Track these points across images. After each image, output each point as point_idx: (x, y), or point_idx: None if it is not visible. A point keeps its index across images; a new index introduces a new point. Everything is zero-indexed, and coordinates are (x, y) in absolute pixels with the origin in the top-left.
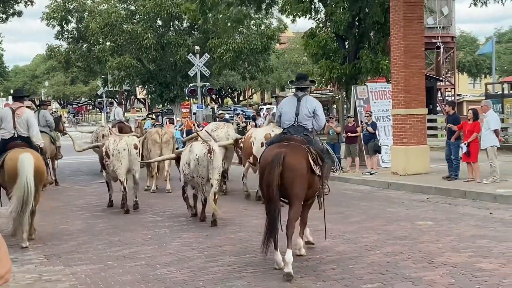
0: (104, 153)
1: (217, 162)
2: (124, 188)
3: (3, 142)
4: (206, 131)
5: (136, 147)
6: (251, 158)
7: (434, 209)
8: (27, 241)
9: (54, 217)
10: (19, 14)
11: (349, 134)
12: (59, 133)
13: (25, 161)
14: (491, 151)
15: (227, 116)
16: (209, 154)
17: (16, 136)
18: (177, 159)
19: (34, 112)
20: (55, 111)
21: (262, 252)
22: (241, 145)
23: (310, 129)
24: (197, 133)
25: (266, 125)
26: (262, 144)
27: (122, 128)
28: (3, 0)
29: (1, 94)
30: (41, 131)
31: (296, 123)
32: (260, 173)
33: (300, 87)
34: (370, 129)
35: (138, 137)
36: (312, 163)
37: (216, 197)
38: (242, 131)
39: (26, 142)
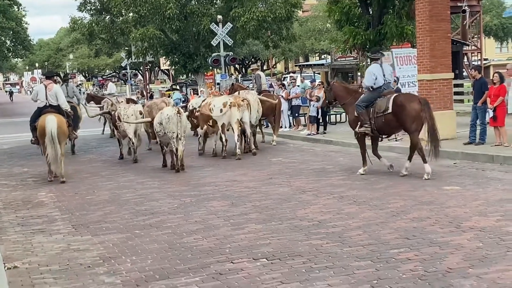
0: (117, 117)
1: (184, 121)
2: (133, 143)
3: (39, 109)
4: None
5: (141, 113)
6: (211, 121)
7: (461, 174)
8: (52, 178)
9: (81, 187)
10: None
11: None
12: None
13: (50, 122)
14: None
15: (251, 86)
16: (178, 114)
17: (48, 105)
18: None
19: (61, 85)
20: (80, 84)
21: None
22: (197, 114)
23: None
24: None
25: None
26: (221, 110)
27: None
28: None
29: (27, 67)
30: (68, 102)
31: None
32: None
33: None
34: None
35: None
36: None
37: (183, 149)
38: None
39: (56, 109)
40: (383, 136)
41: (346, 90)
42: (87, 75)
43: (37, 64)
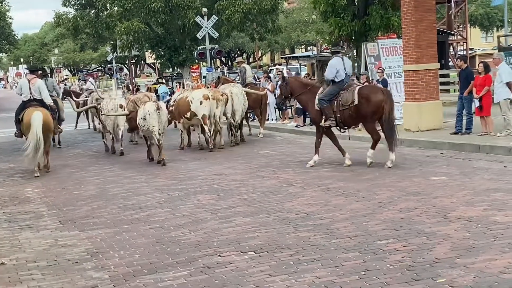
0: (100, 112)
1: (164, 116)
2: (112, 138)
3: (23, 103)
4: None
5: (121, 107)
6: (188, 114)
7: (448, 164)
8: (38, 172)
9: (68, 183)
10: None
11: None
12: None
13: (36, 117)
14: (504, 104)
15: (238, 79)
16: (157, 110)
17: (32, 99)
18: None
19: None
20: (66, 79)
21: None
22: (171, 108)
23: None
24: None
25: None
26: (201, 102)
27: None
28: None
29: (12, 63)
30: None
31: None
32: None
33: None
34: (380, 86)
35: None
36: None
37: (162, 144)
38: None
39: (39, 102)
40: (346, 128)
41: (303, 85)
42: (72, 69)
43: (22, 59)
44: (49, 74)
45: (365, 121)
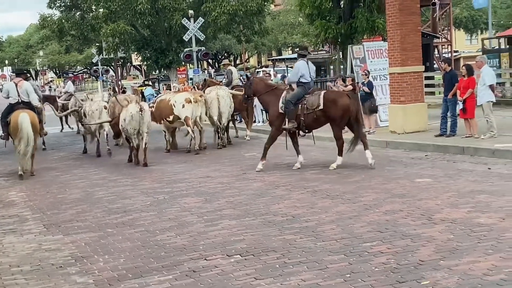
0: (82, 114)
1: (147, 118)
2: (97, 140)
3: (11, 106)
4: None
5: (106, 108)
6: (171, 117)
7: (433, 166)
8: (22, 171)
9: (53, 186)
10: None
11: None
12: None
13: (24, 119)
14: (486, 107)
15: (224, 81)
16: (140, 112)
17: (20, 101)
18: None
19: None
20: (51, 81)
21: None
22: (150, 109)
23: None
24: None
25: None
26: (183, 106)
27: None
28: None
29: None
30: None
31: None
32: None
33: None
34: (365, 89)
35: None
36: None
37: (147, 146)
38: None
39: (27, 105)
40: (307, 132)
41: (267, 86)
42: (58, 71)
43: (6, 61)
44: (32, 77)
45: (334, 124)
